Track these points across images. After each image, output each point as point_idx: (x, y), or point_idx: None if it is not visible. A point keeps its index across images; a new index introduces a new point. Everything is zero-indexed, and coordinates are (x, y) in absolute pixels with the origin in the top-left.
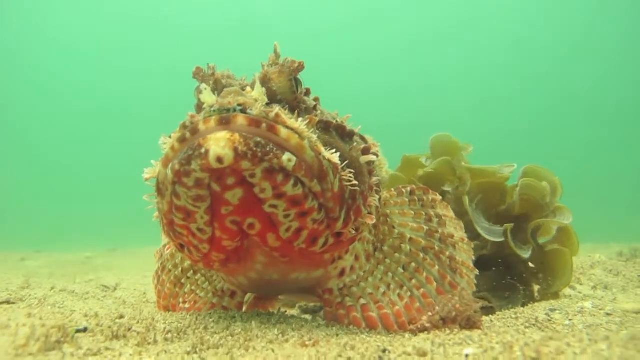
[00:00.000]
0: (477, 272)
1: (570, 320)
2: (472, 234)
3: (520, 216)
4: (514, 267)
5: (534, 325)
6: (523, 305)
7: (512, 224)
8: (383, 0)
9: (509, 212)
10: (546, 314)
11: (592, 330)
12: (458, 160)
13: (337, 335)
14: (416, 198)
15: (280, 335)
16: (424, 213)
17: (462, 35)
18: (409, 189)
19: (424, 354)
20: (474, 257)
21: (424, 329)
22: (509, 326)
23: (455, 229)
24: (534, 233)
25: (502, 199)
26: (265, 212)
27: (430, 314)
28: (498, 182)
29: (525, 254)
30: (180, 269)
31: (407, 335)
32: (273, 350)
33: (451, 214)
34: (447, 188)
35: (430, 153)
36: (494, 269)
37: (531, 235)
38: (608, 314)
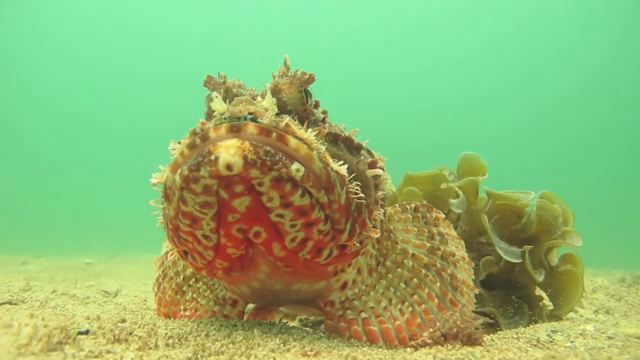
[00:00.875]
0: (477, 290)
1: (571, 342)
2: (484, 251)
3: (532, 237)
4: (522, 288)
5: (535, 345)
6: (527, 325)
7: (531, 247)
8: (390, 27)
9: (523, 232)
10: (548, 335)
11: (594, 352)
12: (480, 183)
13: (339, 347)
14: (420, 215)
15: (282, 344)
16: (426, 230)
17: (471, 63)
18: (413, 205)
19: None
20: (473, 276)
21: (424, 345)
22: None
23: (457, 248)
24: (546, 254)
25: (518, 220)
26: (271, 221)
27: (431, 330)
28: (517, 206)
29: (540, 277)
30: (182, 276)
31: (409, 350)
32: (275, 358)
33: (453, 232)
34: (456, 209)
35: (457, 169)
36: (507, 290)
37: (544, 256)
38: (610, 338)
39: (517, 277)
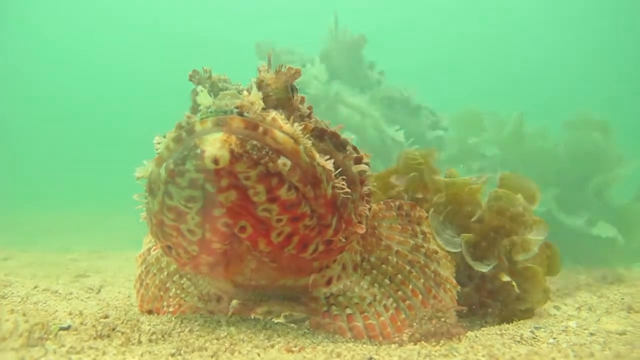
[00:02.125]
0: (459, 288)
1: (554, 338)
2: None
3: (496, 229)
4: (490, 280)
5: (518, 342)
6: (500, 323)
7: (471, 234)
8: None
9: (481, 224)
10: (531, 332)
11: (576, 348)
12: (429, 174)
13: (323, 343)
14: (404, 213)
15: (266, 340)
16: (410, 228)
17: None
18: (397, 203)
19: None
20: (455, 274)
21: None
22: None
23: (439, 246)
24: (510, 250)
25: (474, 211)
26: (257, 216)
27: (409, 333)
28: (468, 193)
29: (484, 268)
30: (165, 272)
31: (393, 345)
32: (259, 355)
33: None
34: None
35: (397, 169)
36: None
37: (506, 251)
38: (592, 334)
39: (474, 272)
